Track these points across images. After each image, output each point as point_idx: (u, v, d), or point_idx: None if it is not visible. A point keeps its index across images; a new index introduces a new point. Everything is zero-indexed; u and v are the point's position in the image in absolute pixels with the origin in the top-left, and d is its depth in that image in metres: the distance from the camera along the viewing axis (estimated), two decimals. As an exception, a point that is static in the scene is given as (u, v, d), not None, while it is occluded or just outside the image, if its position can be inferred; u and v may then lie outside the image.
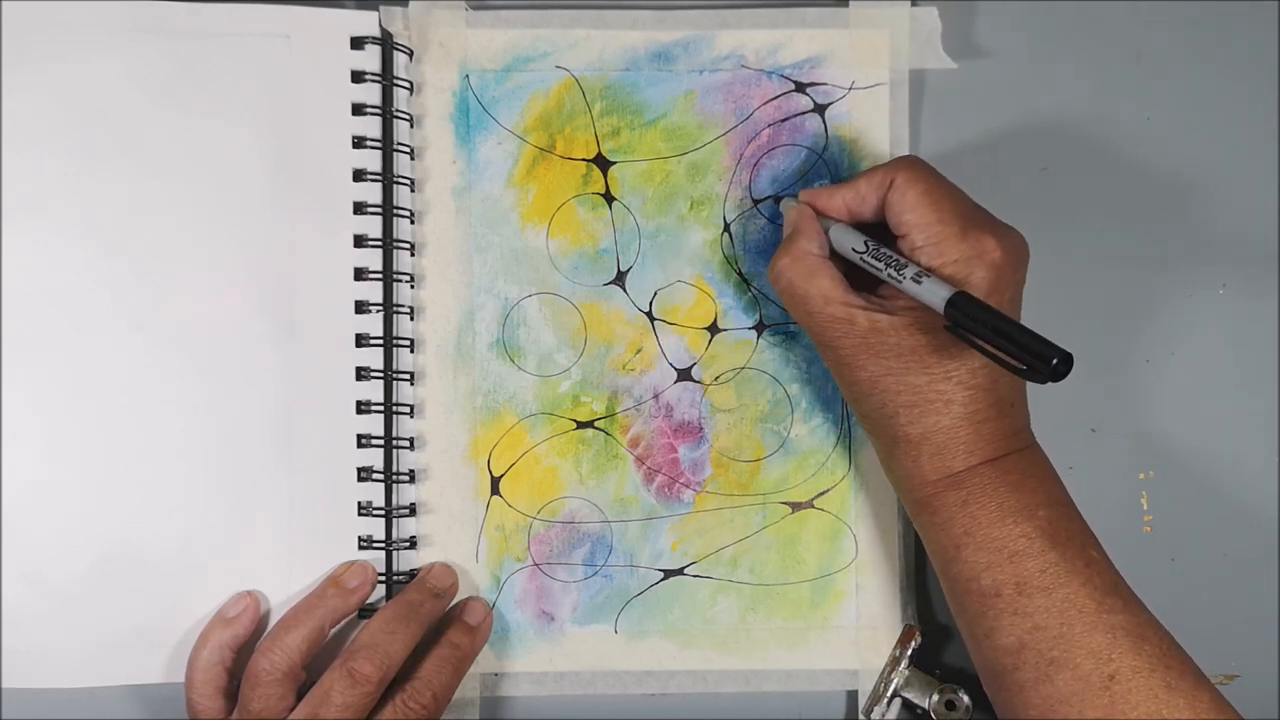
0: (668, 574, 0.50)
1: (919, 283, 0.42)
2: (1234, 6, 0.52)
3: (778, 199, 0.50)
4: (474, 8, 0.50)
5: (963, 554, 0.43)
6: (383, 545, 0.48)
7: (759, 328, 0.51)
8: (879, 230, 0.45)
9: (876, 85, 0.51)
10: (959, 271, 0.42)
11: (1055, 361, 0.38)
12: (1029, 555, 0.42)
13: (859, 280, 0.45)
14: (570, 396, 0.50)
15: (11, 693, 0.48)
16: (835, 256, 0.45)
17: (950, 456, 0.43)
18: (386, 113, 0.49)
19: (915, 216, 0.43)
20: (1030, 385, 0.44)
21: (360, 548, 0.48)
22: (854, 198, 0.45)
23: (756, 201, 0.51)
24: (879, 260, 0.43)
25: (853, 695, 0.50)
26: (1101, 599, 0.41)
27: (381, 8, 0.49)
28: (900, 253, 0.43)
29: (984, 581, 0.42)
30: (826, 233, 0.46)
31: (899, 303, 0.43)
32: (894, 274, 0.42)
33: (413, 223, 0.50)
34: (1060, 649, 0.41)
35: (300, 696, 0.44)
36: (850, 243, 0.45)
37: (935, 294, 0.41)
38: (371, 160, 0.49)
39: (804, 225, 0.46)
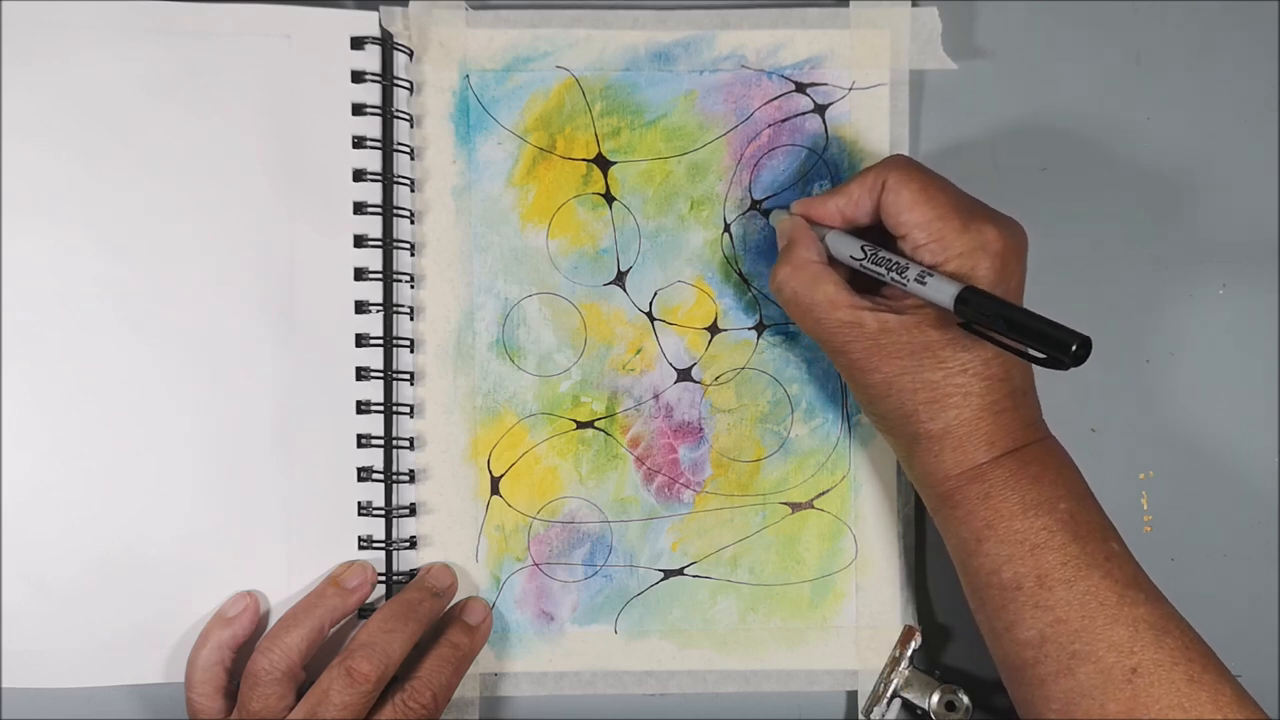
0: (668, 574, 0.50)
1: (924, 283, 0.41)
2: (1234, 6, 0.52)
3: (766, 211, 0.50)
4: (474, 8, 0.50)
5: (984, 547, 0.43)
6: (383, 545, 0.48)
7: (759, 328, 0.51)
8: (873, 233, 0.45)
9: (877, 85, 0.51)
10: (963, 265, 0.42)
11: (1075, 347, 0.38)
12: (1050, 548, 0.42)
13: (859, 284, 0.45)
14: (570, 396, 0.50)
15: (11, 693, 0.48)
16: (834, 263, 0.45)
17: (972, 449, 0.43)
18: (386, 113, 0.49)
19: (914, 216, 0.43)
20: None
21: (360, 548, 0.48)
22: (847, 203, 0.45)
23: (756, 202, 0.51)
24: (879, 264, 0.43)
25: (852, 695, 0.50)
26: (1123, 591, 0.41)
27: (381, 8, 0.49)
28: (899, 253, 0.43)
29: (1005, 575, 0.42)
30: (822, 240, 0.46)
31: (906, 301, 0.43)
32: (896, 277, 0.42)
33: (413, 223, 0.50)
34: (1082, 642, 0.41)
35: (300, 696, 0.44)
36: (848, 249, 0.44)
37: (943, 292, 0.41)
38: (371, 160, 0.49)
39: (799, 234, 0.46)
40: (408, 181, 0.50)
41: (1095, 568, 0.41)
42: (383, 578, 0.48)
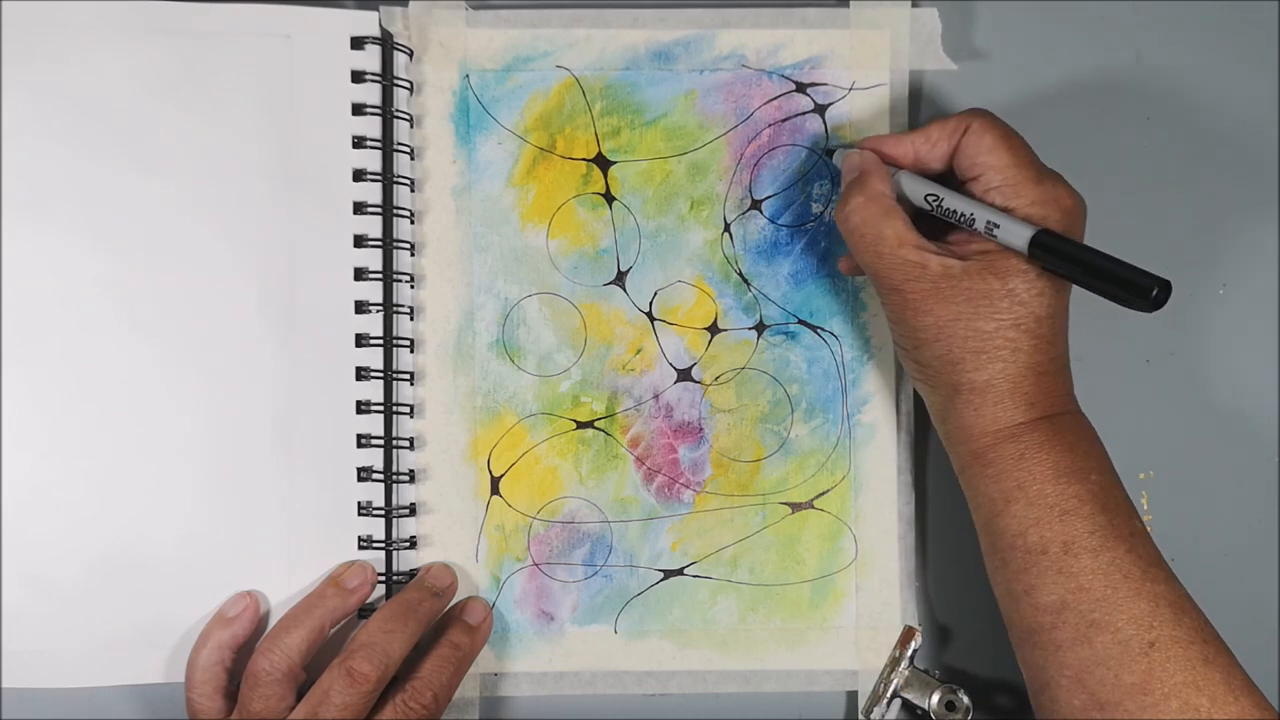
0: (668, 574, 0.50)
1: (997, 225, 0.42)
2: (1234, 6, 0.52)
3: (831, 150, 0.50)
4: (474, 7, 0.50)
5: (1012, 508, 0.43)
6: (383, 545, 0.48)
7: (759, 328, 0.51)
8: (939, 181, 0.45)
9: (877, 86, 0.51)
10: (1035, 213, 0.42)
11: (1155, 291, 0.39)
12: (1079, 516, 0.42)
13: (921, 229, 0.45)
14: (570, 396, 0.50)
15: (11, 693, 0.48)
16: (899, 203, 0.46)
17: (1013, 407, 0.43)
18: (386, 113, 0.49)
19: (993, 159, 0.43)
20: None
21: (360, 548, 0.48)
22: (924, 143, 0.45)
23: (756, 202, 0.51)
24: (953, 205, 0.44)
25: (852, 695, 0.50)
26: (1146, 568, 0.41)
27: (381, 8, 0.49)
28: (973, 197, 0.44)
29: (1030, 538, 0.42)
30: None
31: (970, 247, 0.44)
32: (968, 215, 0.43)
33: (413, 223, 0.50)
34: (1102, 611, 0.41)
35: (300, 696, 0.44)
36: (921, 190, 0.45)
37: (1017, 234, 0.41)
38: (371, 160, 0.49)
39: (873, 168, 0.46)
40: (408, 181, 0.50)
41: (1121, 541, 0.41)
42: (383, 578, 0.48)
